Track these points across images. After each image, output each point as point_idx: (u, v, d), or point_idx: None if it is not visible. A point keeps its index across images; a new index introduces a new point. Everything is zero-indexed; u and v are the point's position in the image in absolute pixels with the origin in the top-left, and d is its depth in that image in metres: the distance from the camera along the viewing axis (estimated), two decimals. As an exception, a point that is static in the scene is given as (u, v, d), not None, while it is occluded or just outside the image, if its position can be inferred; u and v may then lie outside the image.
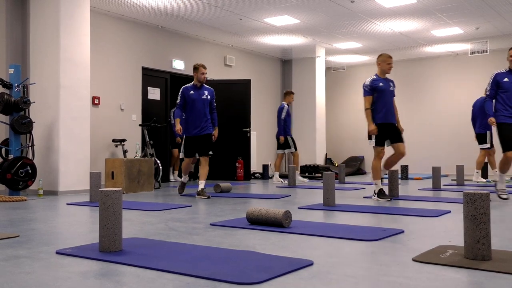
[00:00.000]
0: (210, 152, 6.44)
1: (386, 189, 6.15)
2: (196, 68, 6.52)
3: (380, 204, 5.48)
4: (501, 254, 2.67)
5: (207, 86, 6.63)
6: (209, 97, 6.52)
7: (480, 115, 8.59)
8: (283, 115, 9.32)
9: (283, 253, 2.80)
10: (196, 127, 6.43)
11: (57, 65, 6.94)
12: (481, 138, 8.73)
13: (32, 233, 3.57)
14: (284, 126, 9.35)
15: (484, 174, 9.59)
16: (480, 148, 8.82)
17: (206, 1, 8.13)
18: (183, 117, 6.56)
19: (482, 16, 9.18)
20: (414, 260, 2.59)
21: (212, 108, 6.59)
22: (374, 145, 5.86)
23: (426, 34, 10.49)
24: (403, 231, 3.53)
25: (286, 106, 9.42)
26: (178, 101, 6.51)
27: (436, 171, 7.70)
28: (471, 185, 8.30)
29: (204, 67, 6.55)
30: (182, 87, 6.54)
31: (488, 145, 8.66)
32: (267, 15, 9.00)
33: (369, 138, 5.92)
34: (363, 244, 3.08)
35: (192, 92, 6.45)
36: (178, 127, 6.35)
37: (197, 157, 6.52)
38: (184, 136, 6.53)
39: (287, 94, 9.59)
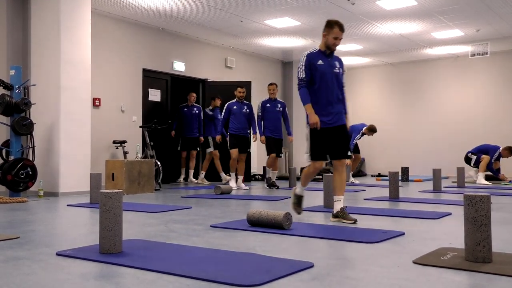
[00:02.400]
0: (349, 153, 4.33)
1: None
2: (329, 24, 4.32)
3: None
4: (502, 257, 2.66)
5: (337, 56, 4.50)
6: (341, 70, 4.41)
7: None
8: None
9: (284, 255, 2.79)
10: (328, 113, 4.28)
11: (58, 67, 6.94)
12: None
13: (32, 235, 3.57)
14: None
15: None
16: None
17: (207, 3, 8.14)
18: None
19: (482, 18, 9.18)
20: (414, 262, 2.58)
21: (342, 84, 4.45)
22: None
23: (427, 36, 10.50)
24: (403, 233, 3.52)
25: None
26: (301, 75, 4.29)
27: (436, 173, 7.69)
28: (471, 187, 8.30)
29: (341, 28, 4.29)
30: (306, 54, 4.35)
31: None
32: (267, 17, 9.00)
33: None
34: (364, 246, 3.07)
35: (320, 61, 4.31)
36: (315, 119, 4.17)
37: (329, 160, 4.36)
38: (308, 128, 4.31)
39: None
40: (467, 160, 9.87)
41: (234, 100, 8.38)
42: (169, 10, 8.51)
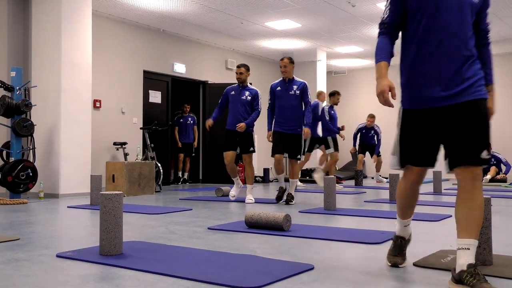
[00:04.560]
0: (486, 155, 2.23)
1: None
2: None
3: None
4: (502, 259, 2.66)
5: None
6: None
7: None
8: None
9: (284, 257, 2.79)
10: (435, 81, 2.35)
11: (59, 68, 6.95)
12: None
13: (32, 236, 3.57)
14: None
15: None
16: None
17: (208, 4, 8.15)
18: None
19: (483, 20, 9.18)
20: (415, 264, 2.58)
21: (470, 23, 2.31)
22: None
23: (427, 38, 10.49)
24: (404, 236, 3.51)
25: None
26: (384, 15, 2.67)
27: (437, 175, 7.69)
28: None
29: None
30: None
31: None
32: (268, 19, 9.02)
33: None
34: (364, 248, 3.07)
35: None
36: (382, 85, 2.59)
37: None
38: (402, 115, 2.65)
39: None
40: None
41: (235, 84, 6.64)
42: (170, 12, 8.52)
